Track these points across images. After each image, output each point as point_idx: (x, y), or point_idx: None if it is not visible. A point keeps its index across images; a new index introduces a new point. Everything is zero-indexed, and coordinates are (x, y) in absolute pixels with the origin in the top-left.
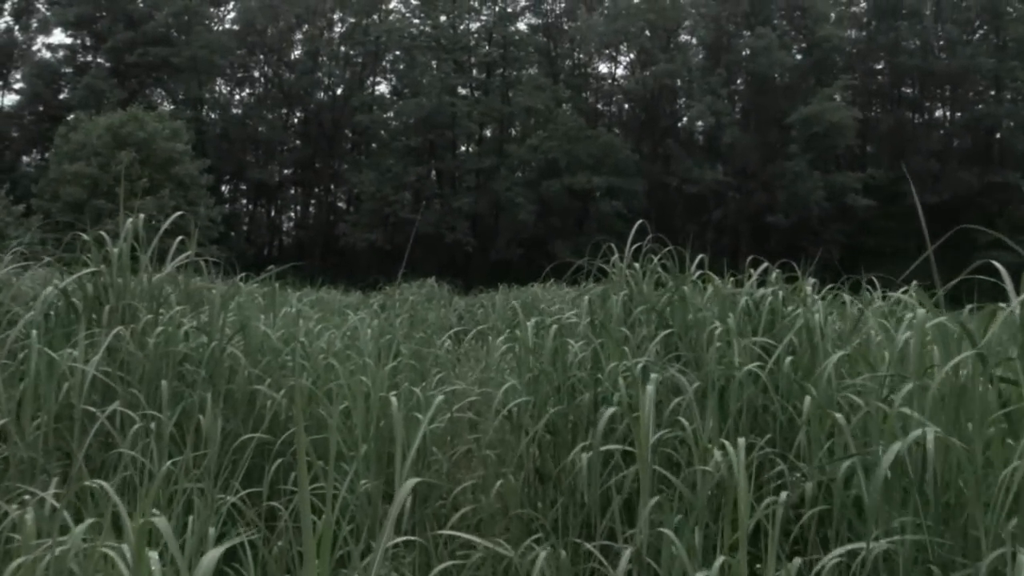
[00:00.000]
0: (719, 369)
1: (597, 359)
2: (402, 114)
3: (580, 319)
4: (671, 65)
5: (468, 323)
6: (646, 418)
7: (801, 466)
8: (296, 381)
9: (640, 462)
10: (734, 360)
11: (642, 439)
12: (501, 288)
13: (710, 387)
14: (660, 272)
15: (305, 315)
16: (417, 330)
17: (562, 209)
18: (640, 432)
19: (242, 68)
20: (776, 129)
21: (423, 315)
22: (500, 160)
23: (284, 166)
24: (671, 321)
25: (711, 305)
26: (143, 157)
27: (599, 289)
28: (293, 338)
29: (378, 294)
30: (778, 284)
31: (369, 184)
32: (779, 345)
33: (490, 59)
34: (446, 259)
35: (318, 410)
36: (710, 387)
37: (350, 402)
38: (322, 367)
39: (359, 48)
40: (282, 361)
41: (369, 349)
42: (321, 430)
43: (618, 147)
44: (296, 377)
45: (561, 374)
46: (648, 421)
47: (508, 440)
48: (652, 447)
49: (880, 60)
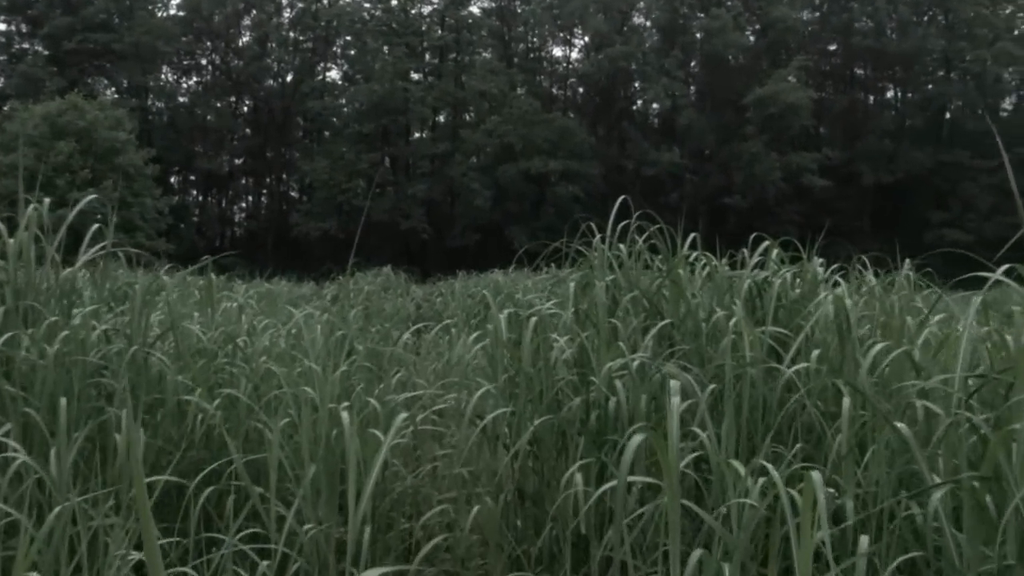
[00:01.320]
0: (732, 366)
1: (585, 357)
2: (354, 100)
3: (560, 310)
4: (626, 47)
5: (427, 312)
6: (674, 441)
7: (848, 488)
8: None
9: (669, 494)
10: (745, 354)
11: (671, 466)
12: (460, 275)
13: (728, 388)
14: (648, 256)
15: (250, 310)
16: (373, 323)
17: (518, 194)
18: (668, 460)
19: (188, 56)
20: (732, 110)
21: (379, 306)
22: (455, 145)
23: (234, 156)
24: (663, 310)
25: (707, 291)
26: (84, 147)
27: (577, 275)
28: (232, 338)
29: (331, 284)
30: (784, 266)
31: (321, 172)
32: (794, 337)
33: (443, 43)
34: (401, 247)
35: (259, 424)
36: (728, 388)
37: (295, 415)
38: (265, 371)
39: (309, 34)
40: (218, 365)
41: (319, 348)
42: (263, 447)
43: (574, 130)
44: (249, 384)
45: (544, 376)
46: (675, 443)
47: (482, 454)
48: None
49: (833, 41)
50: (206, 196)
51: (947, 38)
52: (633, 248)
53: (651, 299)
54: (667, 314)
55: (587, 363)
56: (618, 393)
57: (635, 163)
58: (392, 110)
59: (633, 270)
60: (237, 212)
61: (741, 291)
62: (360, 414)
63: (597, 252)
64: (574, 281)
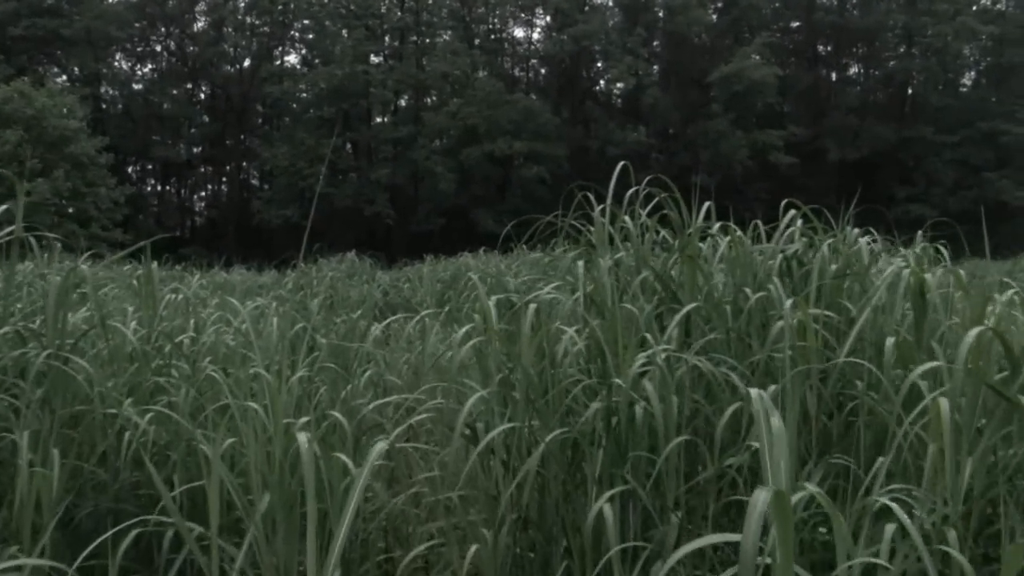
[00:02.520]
0: (789, 359)
1: (598, 351)
2: (314, 84)
3: (558, 294)
4: (589, 26)
5: (395, 299)
6: (786, 490)
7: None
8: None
9: (783, 564)
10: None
11: (786, 530)
12: (428, 259)
13: (791, 391)
14: (654, 229)
15: (200, 303)
16: (338, 311)
17: (483, 177)
18: (782, 518)
19: (142, 42)
20: (696, 89)
21: (344, 293)
22: (417, 129)
23: (192, 144)
24: (680, 293)
25: (728, 269)
26: (33, 136)
27: (572, 253)
28: (172, 337)
29: (293, 273)
30: (820, 236)
31: (282, 159)
32: (840, 321)
33: (403, 25)
34: (365, 233)
35: (201, 444)
36: (791, 391)
37: (243, 432)
38: (208, 377)
39: (266, 18)
40: (157, 369)
41: (274, 345)
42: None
43: (538, 111)
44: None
45: (551, 376)
46: (788, 492)
47: (477, 475)
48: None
49: (796, 18)
50: (165, 185)
51: (909, 13)
52: (639, 221)
53: (665, 280)
54: (684, 298)
55: (602, 359)
56: (648, 395)
57: (600, 143)
58: (353, 94)
59: (641, 246)
60: (197, 201)
61: (774, 268)
62: (322, 427)
63: (597, 226)
64: (580, 260)
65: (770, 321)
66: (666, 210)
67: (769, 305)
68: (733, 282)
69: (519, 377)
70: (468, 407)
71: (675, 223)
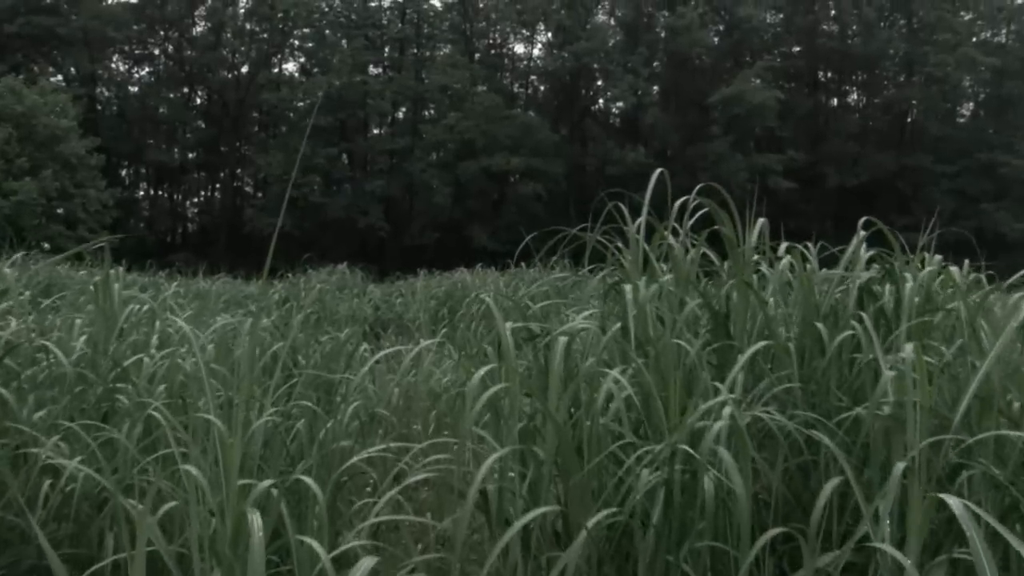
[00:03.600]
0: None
1: (644, 401)
2: (311, 93)
3: (589, 324)
4: (590, 43)
5: (386, 314)
6: None
7: None
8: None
9: None
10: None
11: None
12: (422, 274)
13: (918, 468)
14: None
15: (172, 314)
16: (325, 328)
17: (479, 192)
18: None
19: (140, 45)
20: (696, 110)
21: (333, 307)
22: (414, 141)
23: (187, 148)
24: (732, 325)
25: (797, 299)
26: (22, 134)
27: (600, 273)
28: (126, 355)
29: (281, 283)
30: (898, 261)
31: (276, 167)
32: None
33: (403, 36)
34: (358, 245)
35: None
36: (918, 468)
37: (188, 494)
38: (160, 416)
39: (265, 24)
40: (105, 393)
41: (244, 371)
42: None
43: (536, 128)
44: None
45: (590, 433)
46: None
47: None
48: None
49: (797, 43)
50: (157, 190)
51: (910, 42)
52: (685, 239)
53: (717, 311)
54: (735, 332)
55: (646, 409)
56: (722, 462)
57: (599, 161)
58: (350, 104)
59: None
60: (190, 207)
61: (848, 299)
62: (290, 479)
63: (632, 244)
64: (614, 282)
65: (855, 365)
66: (715, 226)
67: (846, 345)
68: (790, 313)
69: (546, 431)
70: (484, 472)
71: (728, 240)
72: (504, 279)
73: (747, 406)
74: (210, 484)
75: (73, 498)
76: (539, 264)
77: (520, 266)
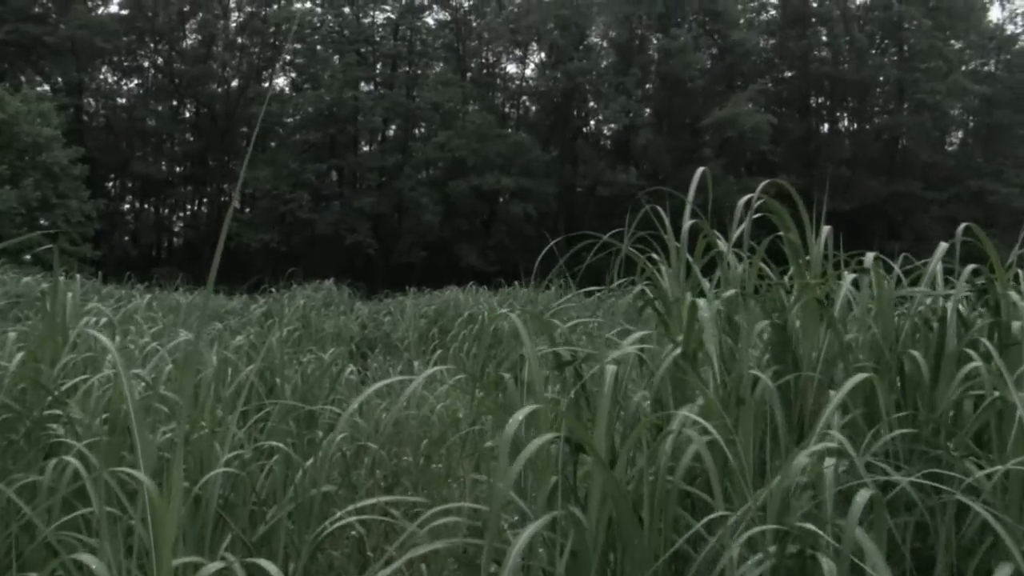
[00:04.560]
0: None
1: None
2: (301, 108)
3: (631, 348)
4: (583, 64)
5: (373, 333)
6: None
7: None
8: None
9: None
10: None
11: None
12: (411, 292)
13: None
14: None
15: (134, 329)
16: (309, 346)
17: (469, 211)
18: None
19: (129, 56)
20: (689, 133)
21: (318, 325)
22: (404, 158)
23: (175, 162)
24: (798, 352)
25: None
26: (3, 142)
27: (624, 294)
28: (48, 386)
29: (264, 299)
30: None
31: (264, 182)
32: None
33: (395, 53)
34: (345, 262)
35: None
36: None
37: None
38: (82, 469)
39: (257, 38)
40: (37, 421)
41: (201, 401)
42: None
43: (528, 147)
44: None
45: (656, 492)
46: None
47: None
48: None
49: (791, 68)
50: (143, 203)
51: (902, 69)
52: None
53: (782, 336)
54: (802, 358)
55: (735, 463)
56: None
57: (590, 182)
58: (340, 119)
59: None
60: (176, 221)
61: (948, 322)
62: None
63: (672, 254)
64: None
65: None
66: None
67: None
68: (858, 335)
69: (591, 486)
70: (519, 548)
71: (791, 247)
72: (497, 298)
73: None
74: (139, 565)
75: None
76: (534, 283)
77: (514, 285)
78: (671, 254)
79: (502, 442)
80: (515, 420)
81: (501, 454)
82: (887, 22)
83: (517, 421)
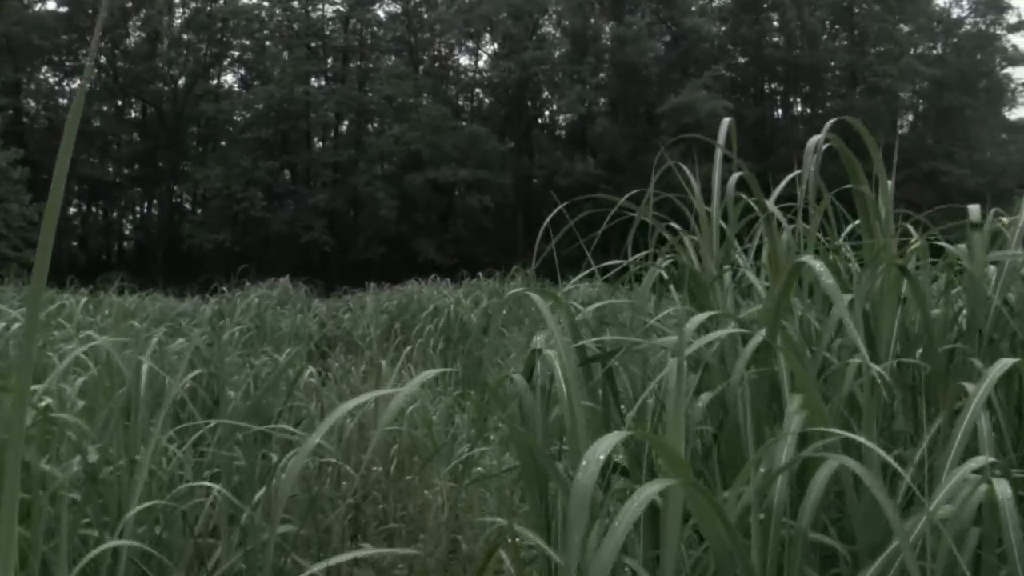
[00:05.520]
0: None
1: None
2: (251, 104)
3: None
4: (537, 53)
5: (333, 331)
6: None
7: None
8: None
9: None
10: None
11: None
12: (371, 287)
13: None
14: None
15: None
16: (262, 347)
17: (426, 204)
18: None
19: (71, 55)
20: (645, 120)
21: (274, 324)
22: (358, 153)
23: (122, 163)
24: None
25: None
26: None
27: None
28: None
29: (215, 299)
30: None
31: (216, 181)
32: None
33: (346, 46)
34: (301, 260)
35: None
36: None
37: None
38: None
39: (203, 34)
40: None
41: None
42: None
43: (483, 139)
44: None
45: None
46: None
47: None
48: None
49: (744, 54)
50: (91, 206)
51: (853, 53)
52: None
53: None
54: (880, 344)
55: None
56: None
57: (547, 173)
58: (292, 115)
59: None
60: (126, 224)
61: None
62: None
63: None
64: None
65: None
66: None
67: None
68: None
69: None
70: None
71: (863, 202)
72: (461, 291)
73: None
74: None
75: None
76: (498, 275)
77: (478, 276)
78: (700, 220)
79: (574, 496)
80: (594, 458)
81: (573, 519)
82: (838, 6)
83: (598, 461)
